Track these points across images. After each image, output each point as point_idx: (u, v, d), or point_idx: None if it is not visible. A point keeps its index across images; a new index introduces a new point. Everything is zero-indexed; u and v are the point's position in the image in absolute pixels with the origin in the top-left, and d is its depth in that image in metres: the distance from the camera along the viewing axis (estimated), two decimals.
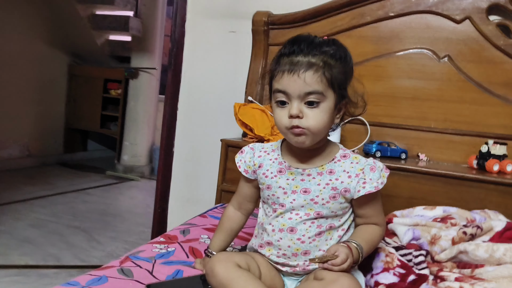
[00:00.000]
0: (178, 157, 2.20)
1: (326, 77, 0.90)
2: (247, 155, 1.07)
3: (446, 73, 1.67)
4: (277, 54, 0.96)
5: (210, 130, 2.10)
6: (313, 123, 0.91)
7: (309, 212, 0.96)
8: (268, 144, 1.09)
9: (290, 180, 0.99)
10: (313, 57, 0.90)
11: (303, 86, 0.89)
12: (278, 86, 0.92)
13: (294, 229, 0.97)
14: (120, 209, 3.48)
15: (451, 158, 1.67)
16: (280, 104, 0.93)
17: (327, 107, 0.92)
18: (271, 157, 1.04)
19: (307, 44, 0.92)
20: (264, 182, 1.02)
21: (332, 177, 0.97)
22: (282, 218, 0.98)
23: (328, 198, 0.96)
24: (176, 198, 2.22)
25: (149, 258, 1.18)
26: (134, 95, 4.65)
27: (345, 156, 0.99)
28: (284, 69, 0.91)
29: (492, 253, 1.00)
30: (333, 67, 0.92)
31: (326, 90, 0.91)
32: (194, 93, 2.14)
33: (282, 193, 0.99)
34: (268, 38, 1.90)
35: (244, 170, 1.07)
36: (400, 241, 1.18)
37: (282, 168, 1.00)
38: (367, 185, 0.95)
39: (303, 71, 0.89)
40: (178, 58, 2.13)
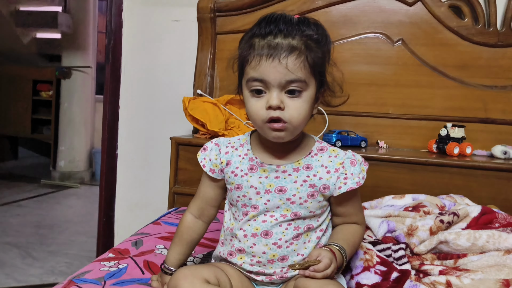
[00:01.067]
0: (123, 159, 2.01)
1: (309, 62, 0.79)
2: (212, 152, 0.93)
3: (401, 57, 1.64)
4: (248, 35, 0.83)
5: (158, 128, 1.93)
6: (295, 115, 0.79)
7: (286, 213, 0.86)
8: (235, 138, 0.96)
9: (263, 178, 0.87)
10: (294, 39, 0.79)
11: (285, 73, 0.78)
12: (255, 73, 0.79)
13: (269, 232, 0.85)
14: (57, 219, 3.20)
15: (411, 144, 1.64)
16: (256, 94, 0.80)
17: (309, 97, 0.81)
18: (240, 152, 0.91)
19: (285, 23, 0.80)
20: (233, 181, 0.89)
21: (310, 173, 0.86)
22: (255, 222, 0.87)
23: (306, 197, 0.85)
24: (123, 204, 2.04)
25: (97, 280, 1.02)
26: (68, 96, 4.38)
27: (322, 149, 0.89)
28: (262, 53, 0.78)
29: (474, 241, 0.94)
30: (314, 50, 0.80)
31: (309, 77, 0.80)
32: (137, 89, 1.96)
33: (254, 193, 0.87)
34: (215, 26, 1.77)
35: (209, 169, 0.93)
36: (375, 235, 1.11)
37: (253, 165, 0.88)
38: (348, 180, 0.86)
39: (285, 55, 0.77)
40: (116, 52, 1.94)
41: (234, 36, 1.76)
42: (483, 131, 1.57)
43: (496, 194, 1.36)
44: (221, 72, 1.79)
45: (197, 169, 1.55)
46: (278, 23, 0.79)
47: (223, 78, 1.79)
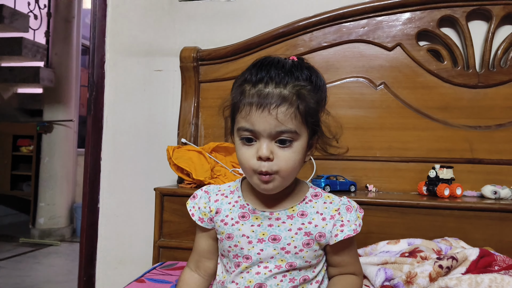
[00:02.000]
0: (105, 213, 1.93)
1: (300, 112, 0.77)
2: (201, 200, 0.89)
3: (384, 101, 1.65)
4: (240, 80, 0.81)
5: (141, 180, 1.88)
6: (285, 166, 0.77)
7: (280, 263, 0.81)
8: (225, 185, 0.92)
9: (255, 226, 0.82)
10: (285, 87, 0.76)
11: (275, 124, 0.75)
12: (245, 123, 0.77)
13: (263, 285, 0.80)
14: (37, 280, 3.04)
15: (400, 187, 1.62)
16: (246, 142, 0.78)
17: (300, 147, 0.78)
18: (230, 200, 0.87)
19: (277, 70, 0.77)
20: (224, 230, 0.85)
21: (305, 220, 0.82)
22: (248, 274, 0.81)
23: (301, 246, 0.81)
24: (105, 261, 1.93)
25: None
26: (49, 151, 4.30)
27: (316, 195, 0.86)
28: (252, 102, 0.76)
29: (476, 286, 0.89)
30: (306, 97, 0.78)
31: (300, 127, 0.77)
32: (119, 139, 1.92)
33: (246, 242, 0.82)
34: (199, 74, 1.77)
35: (198, 218, 0.89)
36: (372, 284, 1.05)
37: (245, 213, 0.84)
38: (345, 228, 0.82)
39: (275, 106, 0.75)
40: (98, 103, 1.91)
41: (218, 84, 1.76)
42: (471, 171, 1.56)
43: (490, 236, 1.32)
44: (206, 120, 1.77)
45: (183, 221, 1.50)
46: (269, 70, 0.77)
47: (207, 126, 1.77)
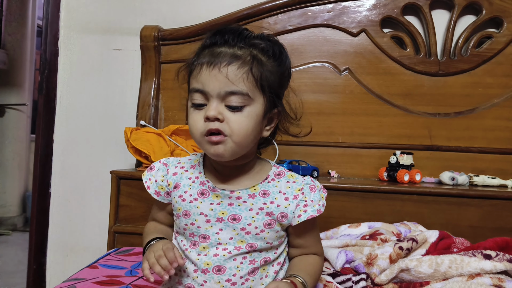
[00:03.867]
0: (57, 199, 1.83)
1: (254, 75, 0.72)
2: (158, 173, 0.83)
3: (348, 86, 1.64)
4: (198, 48, 0.78)
5: (96, 163, 1.79)
6: (237, 129, 0.72)
7: (240, 245, 0.76)
8: (186, 158, 0.86)
9: (215, 204, 0.77)
10: (240, 49, 0.73)
11: (225, 83, 0.71)
12: (196, 84, 0.73)
13: (222, 268, 0.76)
14: None
15: (361, 172, 1.63)
16: (197, 107, 0.74)
17: (254, 113, 0.73)
18: (190, 175, 0.81)
19: (233, 34, 0.74)
20: (181, 207, 0.79)
21: (267, 200, 0.78)
22: (206, 256, 0.76)
23: (262, 226, 0.77)
24: (56, 249, 1.84)
25: None
26: (0, 136, 4.05)
27: (279, 174, 0.81)
28: (203, 62, 0.72)
29: (436, 267, 0.90)
30: (264, 64, 0.74)
31: (253, 91, 0.72)
32: (74, 121, 1.82)
33: (204, 221, 0.77)
34: (160, 55, 1.71)
35: (154, 191, 0.83)
36: (333, 266, 1.04)
37: (204, 190, 0.79)
38: (308, 208, 0.78)
39: (226, 64, 0.71)
40: (51, 82, 1.80)
41: (179, 65, 1.66)
42: (430, 158, 1.59)
43: (448, 220, 1.35)
44: (166, 102, 1.71)
45: (140, 205, 1.44)
46: (225, 34, 0.74)
47: (168, 109, 1.71)
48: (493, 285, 0.83)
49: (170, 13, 1.77)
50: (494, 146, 1.57)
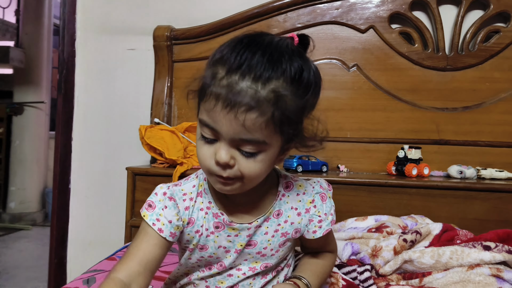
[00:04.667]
0: (76, 195, 1.91)
1: (274, 121, 0.61)
2: (169, 212, 0.70)
3: (356, 82, 1.67)
4: (217, 56, 0.64)
5: (113, 160, 1.86)
6: (247, 174, 0.64)
7: (255, 265, 0.75)
8: (188, 184, 0.75)
9: (232, 236, 0.73)
10: (264, 87, 0.59)
11: (240, 130, 0.60)
12: (207, 118, 0.62)
13: (235, 286, 0.76)
14: (6, 265, 2.98)
15: (370, 167, 1.66)
16: (206, 141, 0.65)
17: (268, 157, 0.65)
18: (201, 205, 0.73)
19: (263, 56, 0.60)
20: (196, 242, 0.73)
21: (281, 220, 0.75)
22: (220, 276, 0.76)
23: (278, 247, 0.75)
24: (76, 243, 1.91)
25: None
26: (20, 133, 4.19)
27: (288, 186, 0.77)
28: (219, 95, 0.60)
29: (438, 258, 0.93)
30: (287, 103, 0.61)
31: (271, 137, 0.63)
32: (91, 119, 1.89)
33: (223, 252, 0.74)
34: (172, 54, 1.76)
35: (169, 233, 0.70)
36: (340, 258, 1.08)
37: (219, 223, 0.72)
38: (323, 223, 0.77)
39: (244, 110, 0.59)
40: (69, 82, 1.87)
41: (191, 64, 1.74)
42: (437, 152, 1.61)
43: (455, 213, 1.37)
44: (179, 100, 1.76)
45: None
46: (254, 54, 0.60)
47: (181, 107, 1.76)
48: (491, 275, 0.86)
49: (182, 13, 1.82)
50: (502, 139, 1.58)
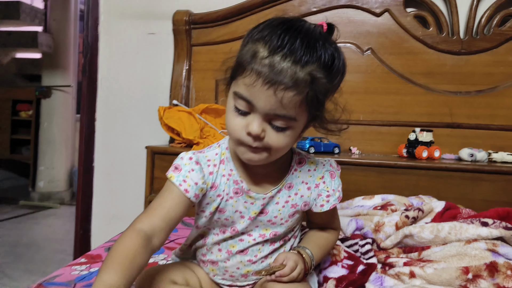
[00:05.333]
0: (99, 172, 2.01)
1: (307, 101, 0.69)
2: (195, 175, 0.76)
3: (370, 66, 1.69)
4: (257, 35, 0.69)
5: (134, 139, 1.94)
6: (275, 147, 0.71)
7: (264, 233, 0.82)
8: (211, 152, 0.81)
9: (248, 204, 0.80)
10: (302, 70, 0.66)
11: (276, 106, 0.67)
12: (245, 92, 0.68)
13: (245, 250, 0.83)
14: (35, 238, 3.14)
15: (382, 149, 1.69)
16: (239, 113, 0.71)
17: (295, 131, 0.72)
18: (224, 172, 0.79)
19: (302, 41, 0.67)
20: (217, 205, 0.80)
21: (291, 193, 0.82)
22: (232, 240, 0.83)
23: (287, 217, 0.82)
24: (100, 217, 2.02)
25: (68, 282, 1.01)
26: (48, 116, 4.33)
27: (300, 162, 0.84)
28: (261, 73, 0.66)
29: (437, 233, 0.97)
30: (319, 86, 0.69)
31: (300, 115, 0.70)
32: (114, 101, 1.98)
33: (238, 217, 0.81)
34: (191, 38, 1.81)
35: (194, 195, 0.75)
36: (344, 233, 1.13)
37: (238, 189, 0.79)
38: (330, 198, 0.83)
39: (283, 88, 0.65)
40: (93, 65, 1.96)
41: (209, 47, 1.80)
42: (450, 135, 1.62)
43: (462, 194, 1.39)
44: (197, 83, 1.82)
45: None
46: (296, 38, 0.66)
47: (199, 89, 1.82)
48: (487, 249, 0.89)
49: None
50: None
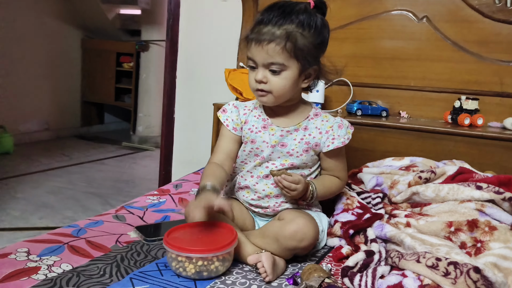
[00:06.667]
0: (178, 123, 2.35)
1: (287, 49, 0.99)
2: (233, 114, 1.15)
3: (424, 33, 1.74)
4: (256, 19, 1.05)
5: (207, 96, 2.22)
6: (275, 88, 1.03)
7: (284, 162, 1.10)
8: (249, 102, 1.19)
9: (271, 135, 1.10)
10: (279, 28, 0.99)
11: (266, 57, 1.00)
12: (248, 53, 1.04)
13: (269, 175, 1.09)
14: (133, 176, 3.66)
15: (430, 114, 1.76)
16: (251, 69, 1.05)
17: (290, 75, 1.02)
18: (255, 113, 1.14)
19: (277, 13, 1.00)
20: (249, 136, 1.12)
21: (306, 133, 1.10)
22: (260, 167, 1.11)
23: (301, 151, 1.09)
24: (179, 162, 2.38)
25: (142, 207, 1.34)
26: (146, 68, 4.72)
27: (317, 114, 1.13)
28: (253, 38, 1.01)
29: (438, 192, 1.11)
30: (298, 37, 0.99)
31: (288, 60, 1.00)
32: (191, 61, 2.26)
33: (265, 146, 1.10)
34: (257, 5, 1.99)
35: (233, 128, 1.14)
36: (365, 188, 1.31)
37: (265, 125, 1.12)
38: (335, 140, 1.09)
39: (266, 43, 0.99)
40: (174, 29, 2.24)
41: None
42: (499, 104, 1.65)
43: (496, 161, 1.46)
44: None
45: None
46: (271, 13, 1.01)
47: None
48: (475, 209, 1.02)
49: None
50: None
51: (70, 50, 4.83)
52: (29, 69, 4.31)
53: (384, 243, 1.07)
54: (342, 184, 1.16)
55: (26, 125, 4.38)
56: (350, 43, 1.85)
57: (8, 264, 0.90)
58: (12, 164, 3.58)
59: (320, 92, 1.76)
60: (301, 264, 1.03)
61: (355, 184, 1.34)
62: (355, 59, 1.84)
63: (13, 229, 2.35)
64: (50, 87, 4.61)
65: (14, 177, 3.27)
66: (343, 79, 1.83)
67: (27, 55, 4.26)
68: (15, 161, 3.69)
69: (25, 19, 4.19)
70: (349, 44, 1.85)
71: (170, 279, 0.90)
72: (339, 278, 0.94)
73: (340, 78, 1.12)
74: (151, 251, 1.03)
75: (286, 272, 0.99)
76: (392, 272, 0.92)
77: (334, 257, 1.05)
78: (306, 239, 0.98)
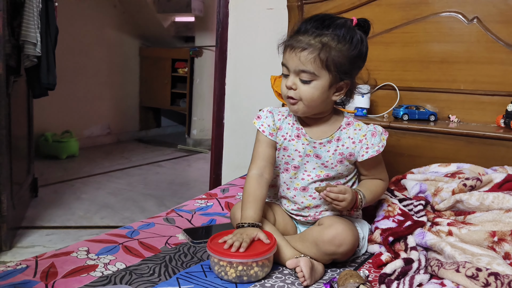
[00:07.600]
0: (228, 128, 2.42)
1: (321, 59, 0.99)
2: (268, 120, 1.14)
3: (474, 35, 1.69)
4: (293, 31, 1.07)
5: (255, 102, 2.28)
6: (304, 96, 1.03)
7: (319, 173, 1.11)
8: (283, 108, 1.18)
9: (305, 145, 1.11)
10: (314, 38, 1.00)
11: (298, 64, 1.01)
12: (283, 60, 1.06)
13: (306, 188, 1.12)
14: (187, 178, 3.81)
15: (481, 119, 1.70)
16: (284, 76, 1.07)
17: (320, 85, 1.02)
18: (289, 121, 1.14)
19: (314, 24, 1.01)
20: (282, 143, 1.13)
21: (340, 144, 1.10)
22: (296, 179, 1.13)
23: (336, 163, 1.10)
24: (228, 165, 2.46)
25: (190, 210, 1.42)
26: (199, 73, 4.87)
27: (349, 123, 1.12)
28: (288, 45, 1.04)
29: (482, 201, 1.09)
30: (332, 49, 1.00)
31: (319, 70, 1.01)
32: (239, 68, 2.34)
33: (297, 155, 1.12)
34: (303, 13, 2.02)
35: (269, 133, 1.13)
36: (408, 194, 1.30)
37: (299, 134, 1.12)
38: (369, 150, 1.09)
39: (300, 50, 1.00)
40: (223, 37, 2.32)
41: None
42: None
43: None
44: None
45: None
46: (308, 24, 1.03)
47: None
48: None
49: None
50: None
51: (128, 58, 5.09)
52: (92, 77, 4.60)
53: (425, 251, 1.07)
54: (385, 184, 1.17)
55: (90, 130, 4.68)
56: (396, 47, 1.83)
57: (70, 262, 1.00)
58: (78, 167, 3.84)
59: (365, 97, 1.76)
60: (340, 269, 1.06)
61: (398, 190, 1.34)
62: (401, 63, 1.82)
63: (78, 227, 2.54)
64: (111, 94, 4.89)
65: (79, 178, 3.51)
66: (390, 84, 1.82)
67: (89, 65, 4.56)
68: (80, 163, 3.95)
69: (87, 32, 4.48)
70: (395, 48, 1.83)
71: (214, 281, 0.97)
72: (377, 285, 0.95)
73: None
74: (197, 253, 1.10)
75: (324, 277, 1.01)
76: (431, 280, 0.92)
77: (373, 263, 1.06)
78: (345, 245, 1.00)
